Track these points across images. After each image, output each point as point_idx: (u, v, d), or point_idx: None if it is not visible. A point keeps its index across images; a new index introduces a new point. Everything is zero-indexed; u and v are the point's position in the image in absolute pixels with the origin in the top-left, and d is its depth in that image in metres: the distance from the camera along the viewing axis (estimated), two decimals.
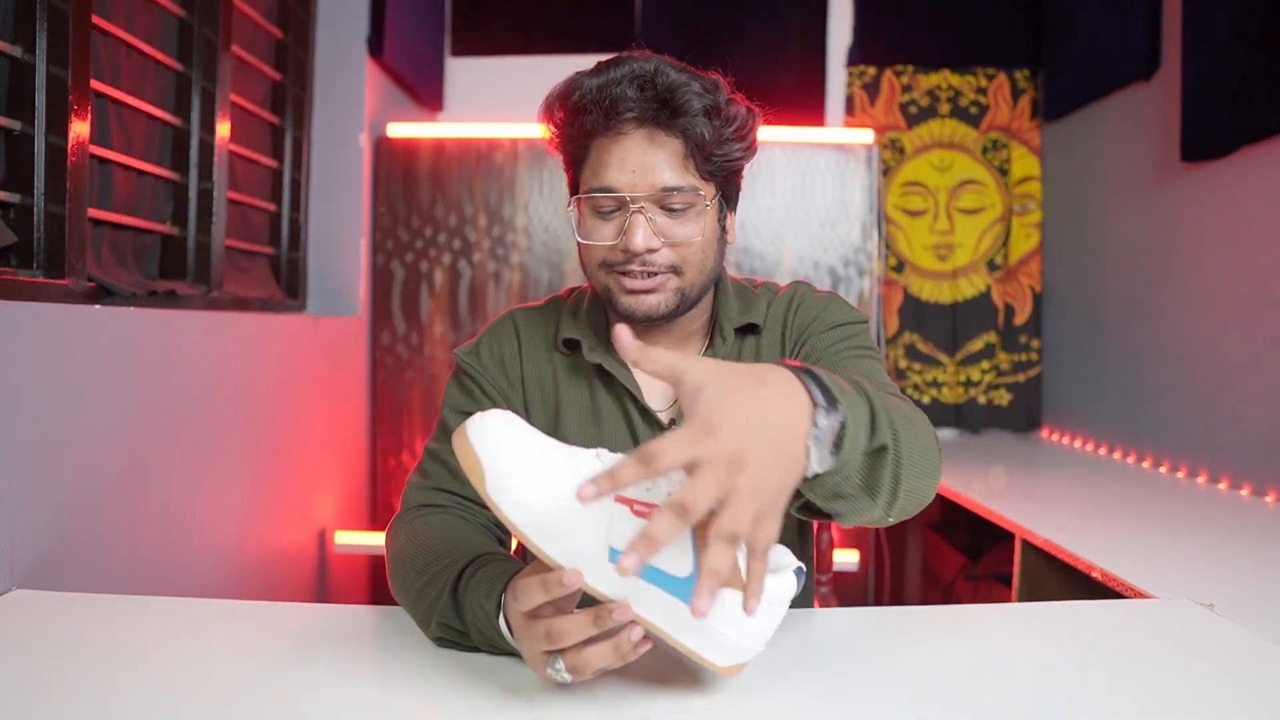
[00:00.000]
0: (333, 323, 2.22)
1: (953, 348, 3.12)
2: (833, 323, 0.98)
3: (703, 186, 0.90)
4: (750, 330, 1.01)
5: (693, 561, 0.65)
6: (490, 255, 2.45)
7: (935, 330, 3.12)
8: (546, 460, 0.66)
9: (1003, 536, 1.77)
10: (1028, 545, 1.61)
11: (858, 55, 3.07)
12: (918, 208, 3.13)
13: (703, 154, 0.89)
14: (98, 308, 1.27)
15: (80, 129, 1.31)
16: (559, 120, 0.92)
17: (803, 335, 0.99)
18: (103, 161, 1.48)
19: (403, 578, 0.84)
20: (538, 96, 0.94)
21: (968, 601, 2.50)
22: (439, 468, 0.95)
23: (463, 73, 3.04)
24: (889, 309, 3.12)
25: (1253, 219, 2.01)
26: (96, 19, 1.38)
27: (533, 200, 2.44)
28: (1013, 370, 3.11)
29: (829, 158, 2.47)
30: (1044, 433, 3.08)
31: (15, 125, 1.23)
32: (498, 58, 3.03)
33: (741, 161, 0.94)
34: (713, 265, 0.94)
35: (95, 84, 1.39)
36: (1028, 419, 3.09)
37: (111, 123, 1.50)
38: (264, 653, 0.81)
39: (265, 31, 2.06)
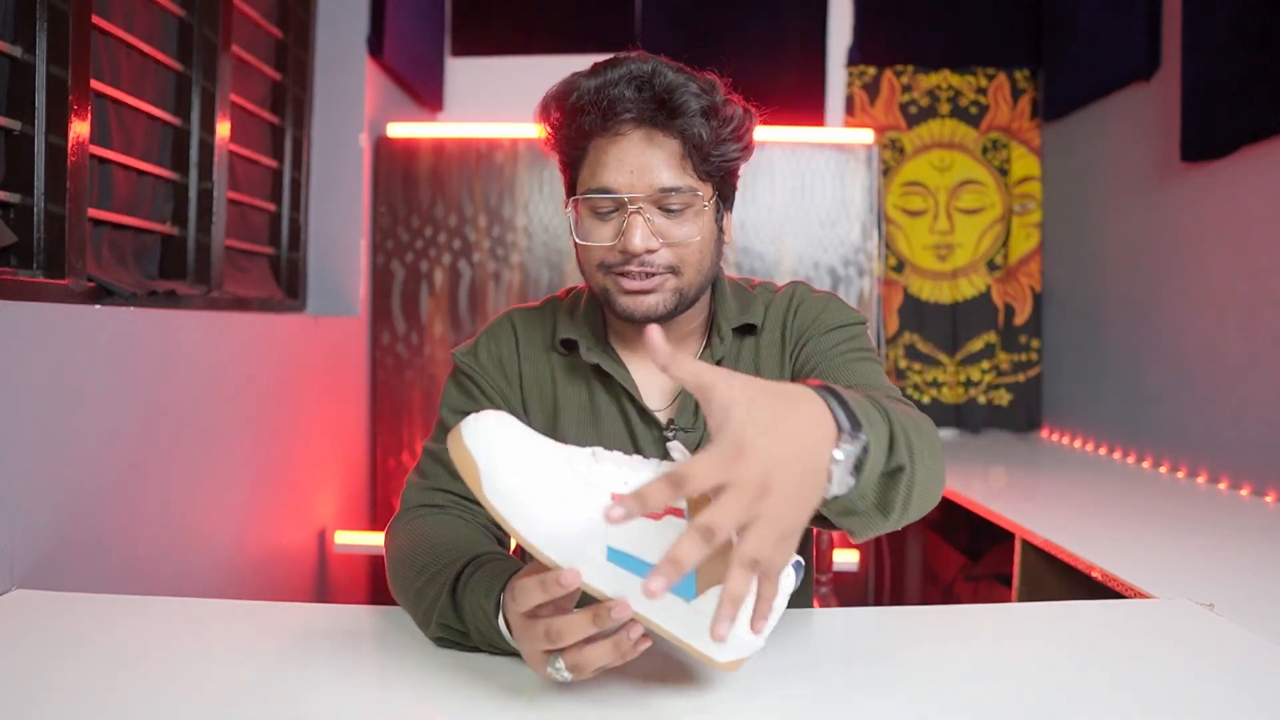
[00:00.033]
0: (333, 323, 2.22)
1: (953, 348, 3.12)
2: (832, 324, 0.98)
3: (700, 187, 0.90)
4: (748, 330, 1.01)
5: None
6: (490, 255, 2.45)
7: (935, 330, 3.12)
8: (542, 459, 0.65)
9: (1003, 536, 1.77)
10: (1028, 545, 1.61)
11: (858, 55, 3.07)
12: (918, 208, 3.13)
13: (700, 154, 0.89)
14: (98, 308, 1.27)
15: (80, 129, 1.31)
16: (556, 121, 0.92)
17: (803, 336, 0.99)
18: (103, 161, 1.48)
19: (402, 578, 0.84)
20: (538, 96, 0.94)
21: (968, 601, 2.50)
22: (438, 468, 0.95)
23: (463, 73, 3.04)
24: (889, 309, 3.12)
25: (1253, 219, 2.01)
26: (96, 19, 1.38)
27: (533, 200, 2.44)
28: (1013, 370, 3.11)
29: (829, 158, 2.47)
30: (1044, 433, 3.08)
31: (15, 125, 1.23)
32: (498, 58, 3.03)
33: (738, 161, 0.94)
34: (710, 265, 0.94)
35: (95, 84, 1.39)
36: (1028, 419, 3.09)
37: (111, 123, 1.50)
38: (264, 653, 0.81)
39: (265, 31, 2.06)
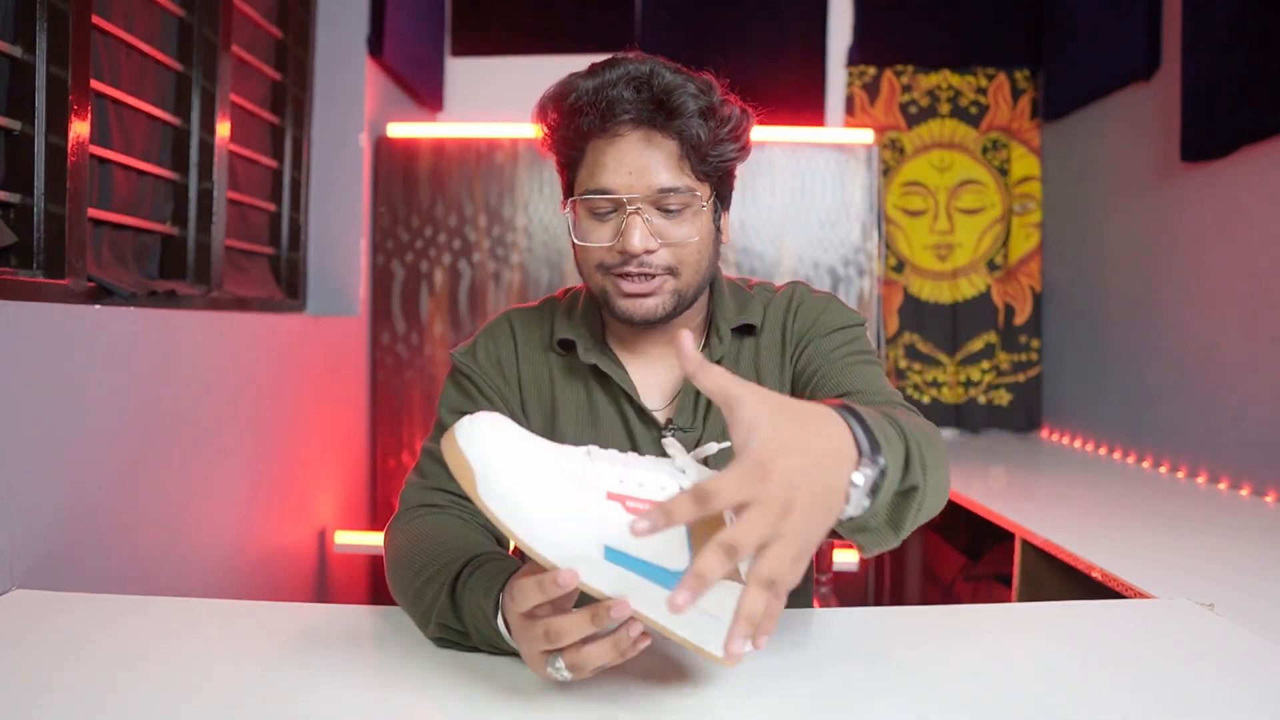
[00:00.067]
0: (333, 323, 2.22)
1: (953, 348, 3.12)
2: (833, 326, 0.99)
3: (698, 187, 0.91)
4: (747, 331, 1.01)
5: (688, 556, 0.64)
6: (490, 255, 2.45)
7: (935, 330, 3.12)
8: (537, 460, 0.65)
9: (1003, 536, 1.77)
10: (1028, 545, 1.61)
11: (858, 55, 3.07)
12: (918, 208, 3.13)
13: (698, 155, 0.89)
14: (98, 308, 1.27)
15: (80, 129, 1.31)
16: (553, 122, 0.92)
17: (803, 338, 0.99)
18: (103, 161, 1.48)
19: (401, 578, 0.84)
20: (537, 96, 0.94)
21: (968, 601, 2.50)
22: (437, 468, 0.95)
23: (463, 73, 3.04)
24: (889, 309, 3.11)
25: (1253, 219, 2.01)
26: (96, 19, 1.38)
27: (533, 200, 2.44)
28: (1013, 370, 3.11)
29: (829, 158, 2.47)
30: (1044, 433, 3.08)
31: (15, 125, 1.23)
32: (498, 58, 3.03)
33: (736, 162, 0.94)
34: (708, 265, 0.94)
35: (95, 84, 1.39)
36: (1028, 419, 3.09)
37: (111, 123, 1.50)
38: (264, 653, 0.81)
39: (265, 31, 2.06)
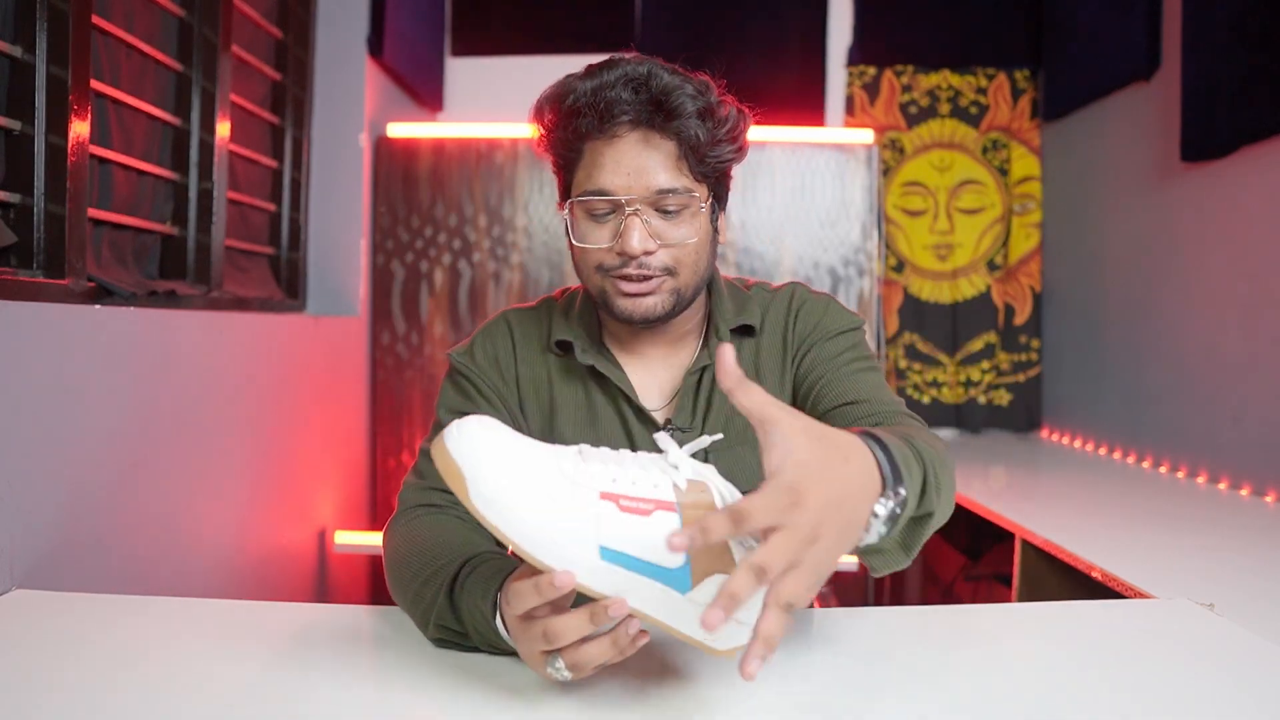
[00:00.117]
0: (333, 323, 2.22)
1: (953, 348, 3.12)
2: (834, 330, 0.99)
3: (696, 188, 0.91)
4: (746, 332, 1.01)
5: (684, 553, 0.64)
6: (490, 255, 2.45)
7: (935, 330, 3.12)
8: (528, 462, 0.65)
9: (1003, 536, 1.77)
10: (1028, 545, 1.61)
11: (858, 55, 3.07)
12: (918, 208, 3.13)
13: (696, 156, 0.89)
14: (98, 308, 1.27)
15: (80, 129, 1.31)
16: (550, 123, 0.92)
17: (805, 342, 0.99)
18: (103, 161, 1.48)
19: (400, 579, 0.84)
20: (537, 97, 0.94)
21: (968, 601, 2.50)
22: (435, 468, 0.95)
23: (463, 73, 3.04)
24: (889, 309, 3.11)
25: (1253, 219, 2.01)
26: (96, 19, 1.38)
27: (533, 200, 2.44)
28: (1013, 370, 3.11)
29: (829, 158, 2.47)
30: (1044, 433, 3.08)
31: (15, 125, 1.23)
32: (498, 58, 3.03)
33: (733, 162, 0.94)
34: (706, 265, 0.95)
35: (95, 84, 1.39)
36: (1028, 419, 3.09)
37: (111, 123, 1.50)
38: (264, 653, 0.81)
39: (265, 31, 2.06)
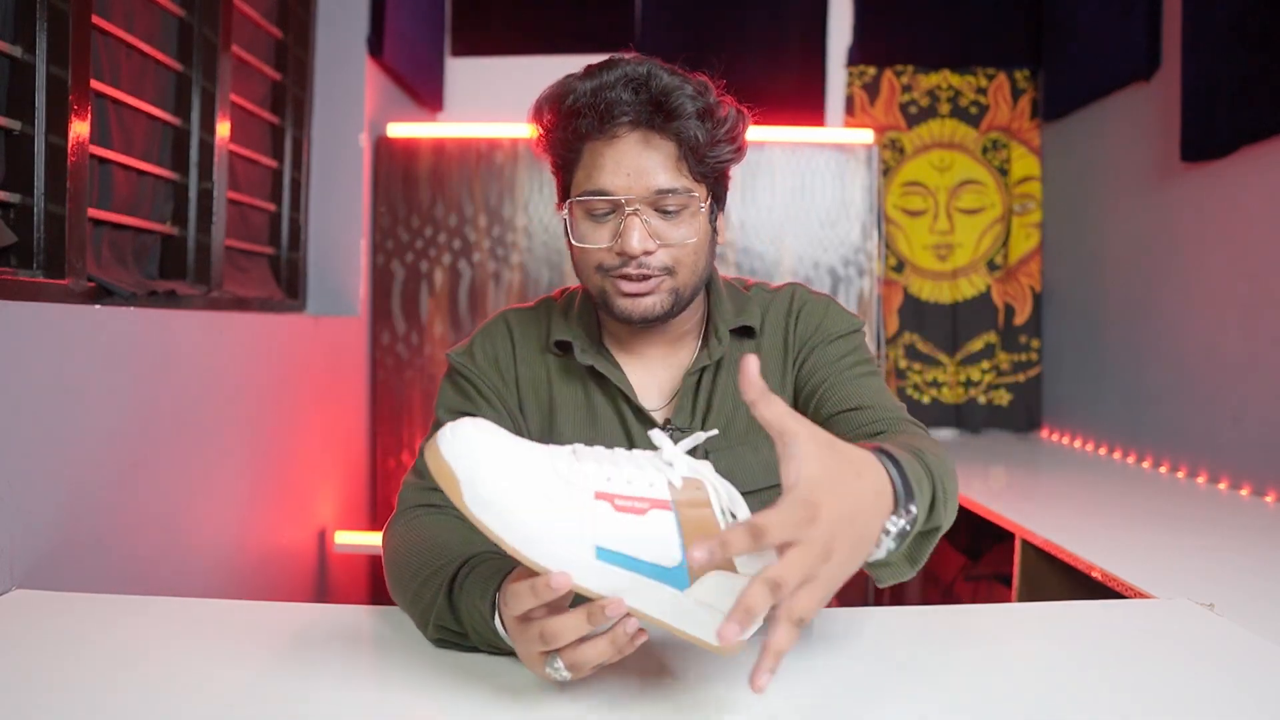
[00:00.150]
0: (333, 323, 2.22)
1: (953, 348, 3.12)
2: (835, 333, 0.99)
3: (695, 188, 0.91)
4: (746, 333, 1.01)
5: (679, 552, 0.64)
6: (490, 255, 2.45)
7: (935, 330, 3.12)
8: (522, 463, 0.65)
9: (1003, 536, 1.77)
10: (1028, 545, 1.61)
11: (858, 55, 3.07)
12: (918, 208, 3.13)
13: (696, 156, 0.89)
14: (98, 308, 1.27)
15: (80, 129, 1.31)
16: (550, 124, 0.92)
17: (806, 344, 0.99)
18: (103, 161, 1.48)
19: (399, 580, 0.84)
20: (537, 97, 0.94)
21: (968, 601, 2.50)
22: None
23: (463, 73, 3.04)
24: (889, 309, 3.11)
25: (1253, 219, 2.01)
26: (96, 19, 1.38)
27: (533, 200, 2.44)
28: (1013, 370, 3.11)
29: (829, 158, 2.47)
30: (1044, 433, 3.07)
31: (15, 125, 1.23)
32: (498, 58, 3.03)
33: (732, 163, 0.94)
34: (704, 266, 0.95)
35: (95, 84, 1.39)
36: (1028, 419, 3.09)
37: (111, 123, 1.50)
38: (264, 653, 0.81)
39: (265, 31, 2.06)
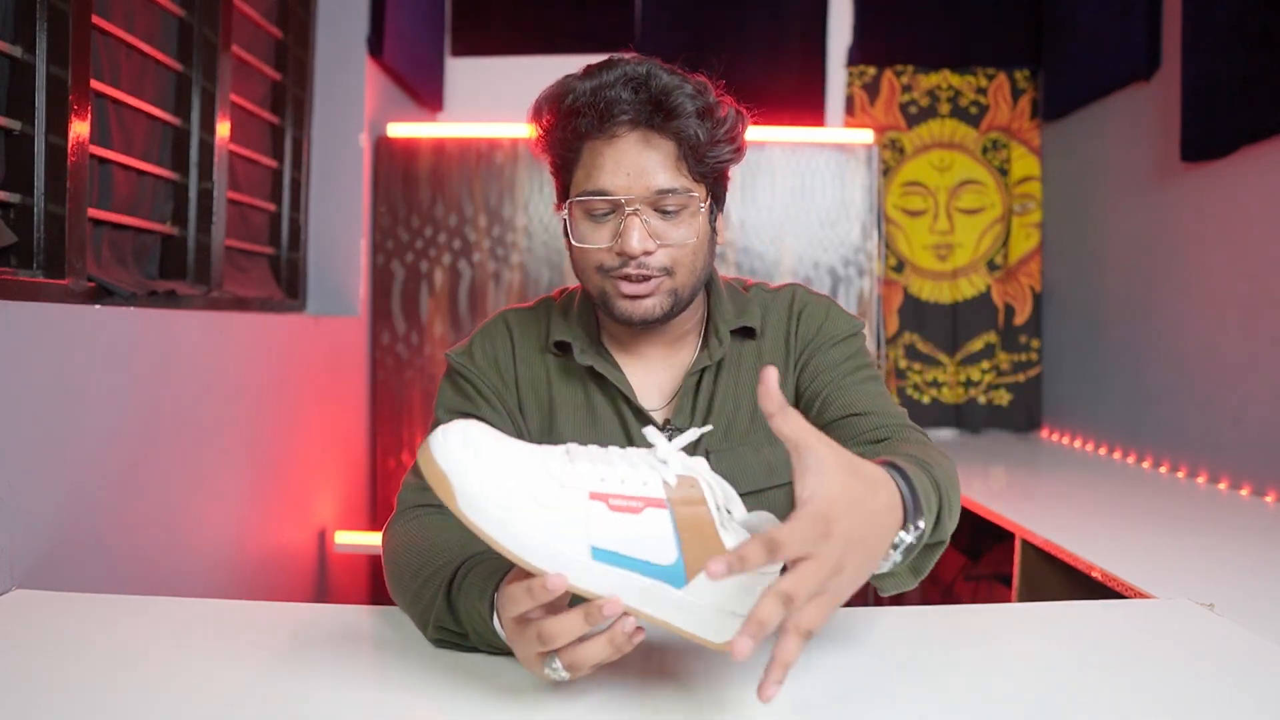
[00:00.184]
0: (333, 323, 2.22)
1: (953, 348, 3.12)
2: (838, 336, 0.99)
3: (695, 188, 0.91)
4: (746, 334, 1.01)
5: (676, 550, 0.64)
6: (490, 255, 2.45)
7: (935, 330, 3.12)
8: (515, 465, 0.65)
9: (1003, 536, 1.77)
10: (1028, 545, 1.61)
11: (858, 55, 3.07)
12: (918, 208, 3.13)
13: (695, 156, 0.89)
14: (98, 308, 1.27)
15: (80, 129, 1.30)
16: (549, 123, 0.92)
17: (808, 346, 0.99)
18: (103, 161, 1.48)
19: (399, 580, 0.84)
20: (536, 97, 0.94)
21: (968, 601, 2.50)
22: None
23: (463, 73, 3.04)
24: (889, 309, 3.11)
25: (1253, 219, 2.01)
26: (96, 19, 1.38)
27: (533, 200, 2.44)
28: (1013, 370, 3.11)
29: (829, 158, 2.47)
30: (1044, 433, 3.07)
31: (15, 125, 1.23)
32: (498, 58, 3.03)
33: (731, 163, 0.94)
34: (703, 266, 0.95)
35: (95, 84, 1.39)
36: (1028, 419, 3.09)
37: (111, 123, 1.50)
38: (264, 653, 0.81)
39: (265, 31, 2.06)
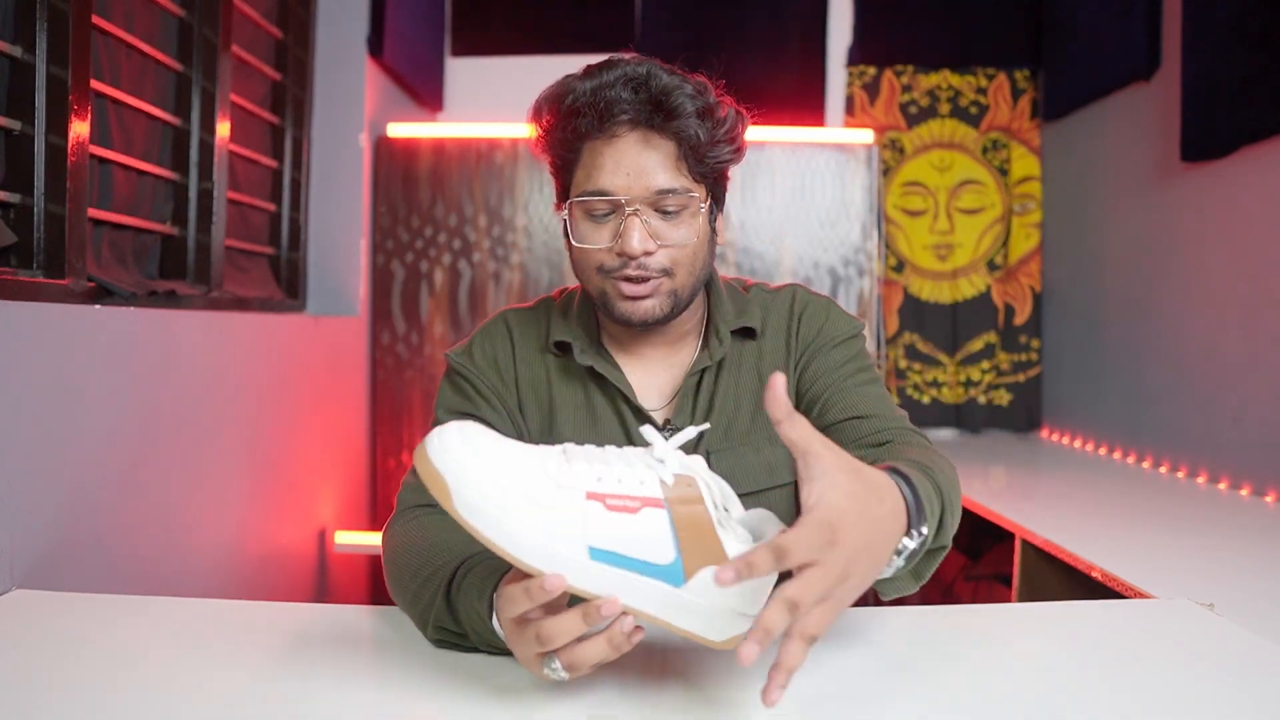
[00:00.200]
0: (333, 323, 2.22)
1: (953, 348, 3.12)
2: (839, 338, 0.99)
3: (695, 188, 0.91)
4: (747, 334, 1.01)
5: (674, 549, 0.64)
6: (490, 255, 2.45)
7: (935, 330, 3.12)
8: (512, 466, 0.65)
9: (1003, 536, 1.77)
10: (1028, 545, 1.61)
11: (858, 55, 3.07)
12: (918, 208, 3.13)
13: (695, 156, 0.89)
14: (98, 308, 1.27)
15: (80, 129, 1.30)
16: (549, 124, 0.92)
17: (809, 348, 0.99)
18: (103, 161, 1.48)
19: (398, 580, 0.84)
20: (536, 97, 0.94)
21: (968, 601, 2.50)
22: None
23: (463, 73, 3.04)
24: (889, 309, 3.11)
25: (1253, 219, 2.01)
26: (96, 19, 1.38)
27: (533, 200, 2.44)
28: (1013, 370, 3.11)
29: (829, 158, 2.47)
30: (1044, 433, 3.07)
31: (15, 125, 1.23)
32: (498, 58, 3.03)
33: (731, 163, 0.94)
34: (703, 266, 0.95)
35: (95, 84, 1.39)
36: (1028, 419, 3.09)
37: (111, 123, 1.50)
38: (264, 653, 0.81)
39: (265, 31, 2.06)
